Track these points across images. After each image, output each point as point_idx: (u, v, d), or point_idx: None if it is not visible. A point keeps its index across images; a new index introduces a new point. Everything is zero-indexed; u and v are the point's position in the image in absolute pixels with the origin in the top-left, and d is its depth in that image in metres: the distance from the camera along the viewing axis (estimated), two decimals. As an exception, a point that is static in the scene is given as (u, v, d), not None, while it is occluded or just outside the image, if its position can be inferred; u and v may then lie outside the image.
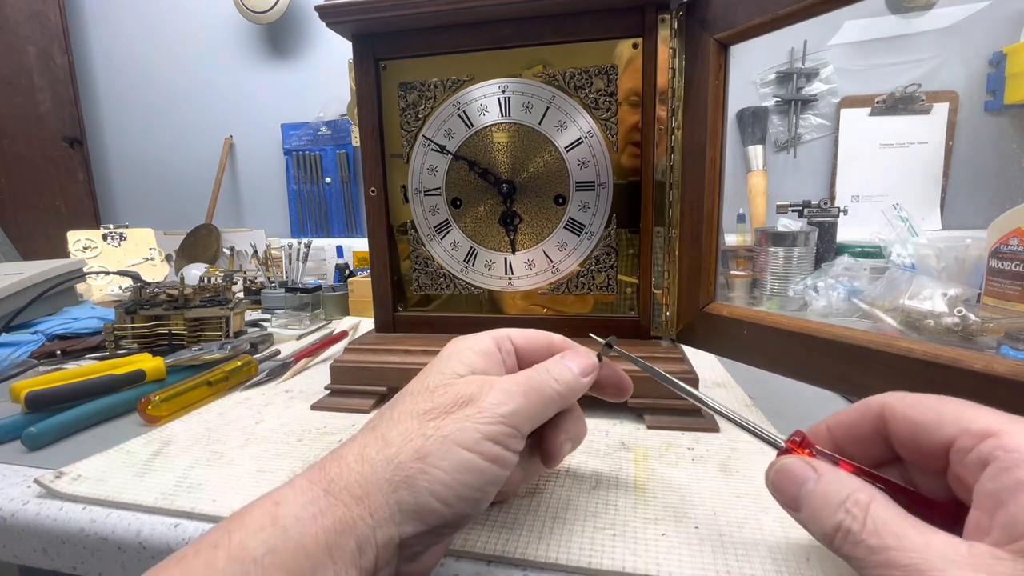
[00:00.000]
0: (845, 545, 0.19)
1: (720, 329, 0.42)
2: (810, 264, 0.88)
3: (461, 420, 0.23)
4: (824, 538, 0.20)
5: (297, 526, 0.19)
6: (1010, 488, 0.18)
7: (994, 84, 1.16)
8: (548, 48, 0.44)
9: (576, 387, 0.27)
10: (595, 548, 0.27)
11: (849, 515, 0.19)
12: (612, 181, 0.45)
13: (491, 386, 0.24)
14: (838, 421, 0.25)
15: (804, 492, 0.21)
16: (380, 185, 0.49)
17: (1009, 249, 0.70)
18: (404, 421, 0.23)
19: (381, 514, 0.20)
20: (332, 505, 0.20)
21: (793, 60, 1.26)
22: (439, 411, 0.23)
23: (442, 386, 0.24)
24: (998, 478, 0.18)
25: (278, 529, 0.19)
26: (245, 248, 1.39)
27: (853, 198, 1.27)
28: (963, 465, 0.20)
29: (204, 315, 0.67)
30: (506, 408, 0.23)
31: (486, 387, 0.24)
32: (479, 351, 0.27)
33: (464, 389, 0.24)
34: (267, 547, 0.18)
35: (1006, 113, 1.17)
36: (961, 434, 0.20)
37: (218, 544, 0.19)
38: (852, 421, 0.24)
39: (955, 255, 0.82)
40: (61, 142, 1.72)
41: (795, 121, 1.27)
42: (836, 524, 0.19)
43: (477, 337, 0.28)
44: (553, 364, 0.27)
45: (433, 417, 0.23)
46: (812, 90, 1.26)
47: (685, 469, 0.35)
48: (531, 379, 0.26)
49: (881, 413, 0.23)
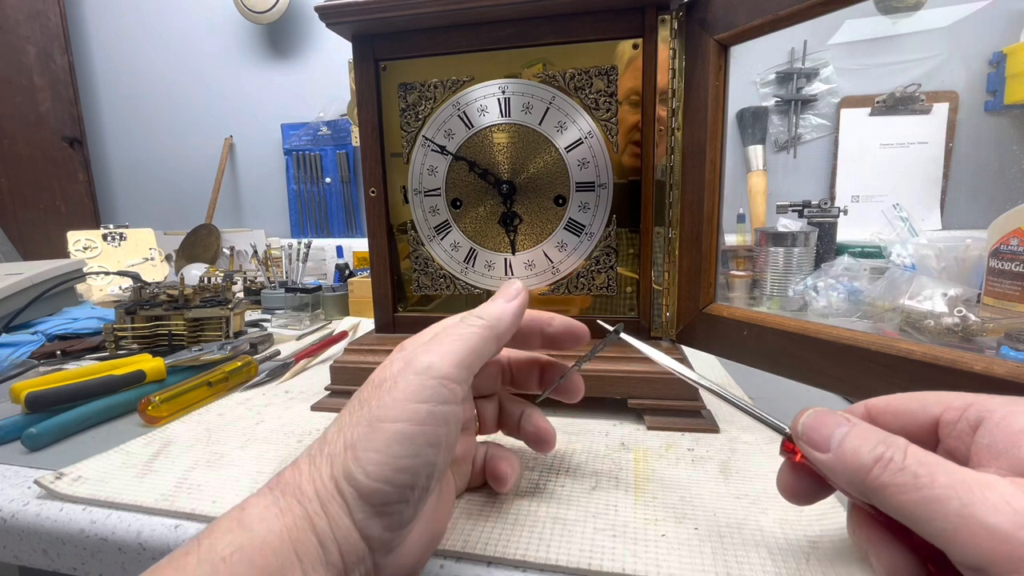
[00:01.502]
0: (885, 474, 0.19)
1: (720, 330, 0.42)
2: (810, 264, 0.88)
3: (382, 395, 0.22)
4: (859, 471, 0.20)
5: (261, 525, 0.20)
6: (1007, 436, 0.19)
7: (994, 84, 1.16)
8: (548, 48, 0.44)
9: (504, 314, 0.27)
10: (595, 549, 0.27)
11: (890, 448, 0.20)
12: (612, 181, 0.45)
13: (409, 353, 0.24)
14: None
15: (839, 432, 0.21)
16: (380, 185, 0.49)
17: (1009, 249, 0.70)
18: (341, 418, 0.24)
19: (331, 508, 0.21)
20: (289, 505, 0.21)
21: (793, 60, 1.26)
22: (366, 397, 0.23)
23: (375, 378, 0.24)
24: (992, 432, 0.20)
25: (243, 530, 0.20)
26: (245, 248, 1.39)
27: (853, 198, 1.27)
28: (954, 436, 0.21)
29: (204, 315, 0.67)
30: (422, 362, 0.23)
31: (405, 356, 0.24)
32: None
33: (386, 369, 0.24)
34: (234, 547, 0.19)
35: (1006, 113, 1.17)
36: (945, 409, 0.22)
37: (188, 551, 0.19)
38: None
39: (955, 255, 0.82)
40: (61, 142, 1.72)
41: (795, 121, 1.27)
42: (877, 455, 0.20)
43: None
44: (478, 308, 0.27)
45: (361, 404, 0.23)
46: (812, 90, 1.26)
47: (685, 470, 0.35)
48: (446, 324, 0.26)
49: (865, 415, 0.24)
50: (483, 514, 0.30)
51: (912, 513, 0.18)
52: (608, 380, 0.43)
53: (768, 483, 0.33)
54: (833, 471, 0.21)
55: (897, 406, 0.23)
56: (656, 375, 0.42)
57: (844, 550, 0.27)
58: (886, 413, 0.23)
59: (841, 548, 0.27)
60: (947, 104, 1.20)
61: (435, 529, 0.25)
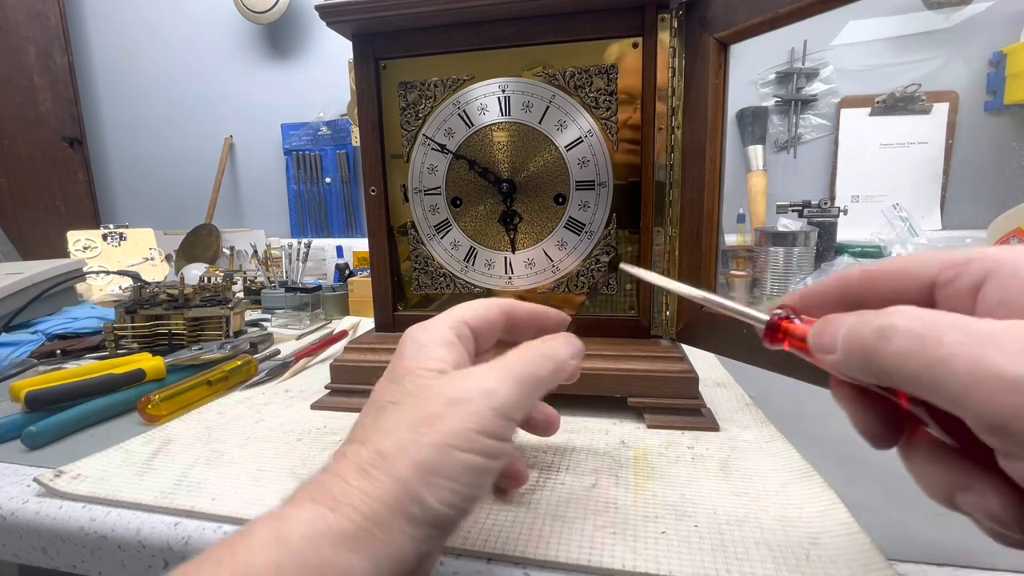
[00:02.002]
0: (886, 343, 0.17)
1: (720, 328, 0.42)
2: (810, 264, 0.88)
3: (454, 422, 0.22)
4: (863, 352, 0.18)
5: (303, 543, 0.19)
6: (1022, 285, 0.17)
7: (994, 84, 1.16)
8: (548, 47, 0.44)
9: (566, 370, 0.27)
10: (595, 546, 0.27)
11: (891, 315, 0.18)
12: (612, 180, 0.45)
13: (477, 380, 0.24)
14: (815, 290, 0.24)
15: (844, 326, 0.19)
16: (380, 185, 0.49)
17: (1009, 249, 0.70)
18: (397, 432, 0.22)
19: (393, 528, 0.20)
20: (339, 523, 0.19)
21: (793, 60, 1.26)
22: (431, 417, 0.22)
23: (424, 388, 0.24)
24: (1005, 285, 0.17)
25: (283, 545, 0.19)
26: (245, 248, 1.39)
27: (853, 198, 1.27)
28: (954, 296, 0.19)
29: (204, 315, 0.67)
30: (497, 400, 0.23)
31: (472, 382, 0.23)
32: (443, 343, 0.26)
33: (450, 388, 0.23)
34: (274, 564, 0.18)
35: (1006, 113, 1.17)
36: (943, 268, 0.19)
37: (222, 561, 0.18)
38: (831, 289, 0.23)
39: (955, 255, 0.82)
40: (61, 142, 1.72)
41: (795, 121, 1.27)
42: (876, 327, 0.18)
43: (434, 329, 0.27)
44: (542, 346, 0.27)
45: (426, 423, 0.22)
46: (812, 90, 1.26)
47: (685, 468, 0.35)
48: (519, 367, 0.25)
49: (861, 277, 0.22)
50: (482, 510, 0.30)
51: (924, 381, 0.16)
52: (608, 379, 0.43)
53: (768, 481, 0.33)
54: (847, 367, 0.19)
55: (891, 268, 0.21)
56: (656, 374, 0.42)
57: (844, 547, 0.27)
58: (881, 276, 0.21)
59: (841, 545, 0.27)
60: (947, 104, 1.20)
61: None
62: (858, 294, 0.22)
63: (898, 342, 0.17)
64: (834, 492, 0.31)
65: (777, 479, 0.33)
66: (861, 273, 0.22)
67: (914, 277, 0.20)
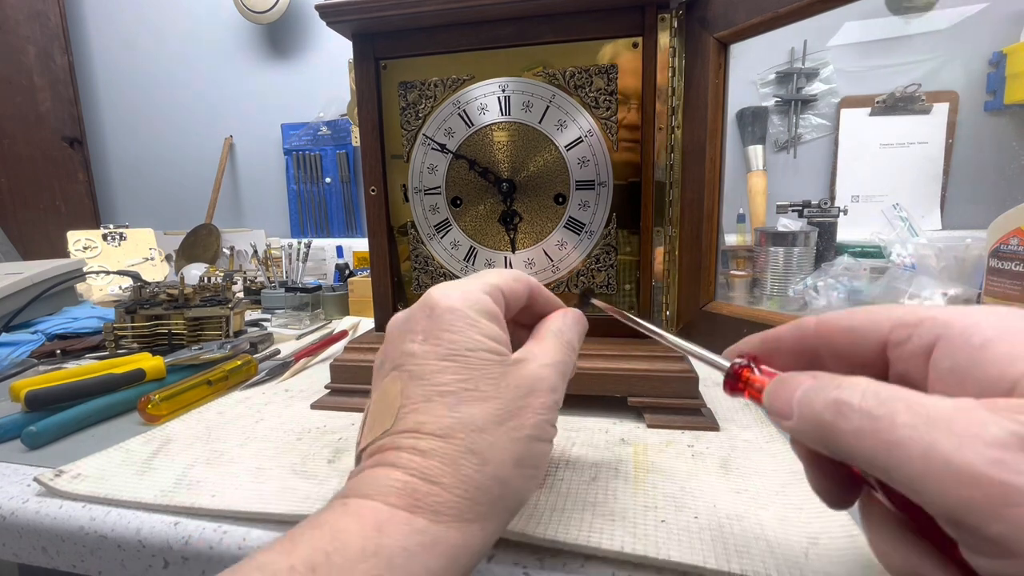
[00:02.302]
0: (841, 420, 0.16)
1: (720, 327, 0.42)
2: (810, 264, 0.88)
3: (532, 414, 0.23)
4: (818, 426, 0.17)
5: (404, 558, 0.18)
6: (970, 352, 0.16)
7: (994, 84, 1.16)
8: (548, 47, 0.44)
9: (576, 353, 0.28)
10: (593, 531, 0.27)
11: (846, 390, 0.17)
12: (612, 180, 0.45)
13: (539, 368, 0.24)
14: (774, 336, 0.24)
15: (800, 391, 0.19)
16: (380, 184, 0.49)
17: (1009, 249, 0.70)
18: (490, 431, 0.22)
19: (491, 522, 0.21)
20: (443, 534, 0.19)
21: (793, 60, 1.26)
22: (514, 411, 0.23)
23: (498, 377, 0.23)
24: (953, 352, 0.17)
25: (382, 560, 0.18)
26: (245, 248, 1.39)
27: (853, 198, 1.27)
28: (905, 359, 0.18)
29: (204, 315, 0.67)
30: (558, 394, 0.24)
31: (534, 369, 0.24)
32: (490, 315, 0.25)
33: (522, 378, 0.24)
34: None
35: (1006, 113, 1.17)
36: (895, 327, 0.19)
37: (316, 567, 0.17)
38: (789, 337, 0.23)
39: (955, 255, 0.82)
40: (61, 142, 1.72)
41: (795, 121, 1.28)
42: (830, 401, 0.17)
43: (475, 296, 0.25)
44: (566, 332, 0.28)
45: (511, 417, 0.22)
46: (812, 90, 1.26)
47: (685, 464, 0.35)
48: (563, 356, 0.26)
49: (816, 330, 0.22)
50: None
51: (879, 464, 0.15)
52: (608, 378, 0.43)
53: (768, 480, 0.33)
54: (802, 436, 0.19)
55: (848, 323, 0.20)
56: (656, 374, 0.42)
57: (843, 548, 0.27)
58: (838, 331, 0.21)
59: (840, 546, 0.27)
60: (947, 104, 1.20)
61: None
62: (813, 346, 0.22)
63: (853, 421, 0.16)
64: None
65: (777, 479, 0.33)
66: (817, 325, 0.22)
67: (868, 334, 0.20)
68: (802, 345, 0.22)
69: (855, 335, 0.20)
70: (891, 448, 0.15)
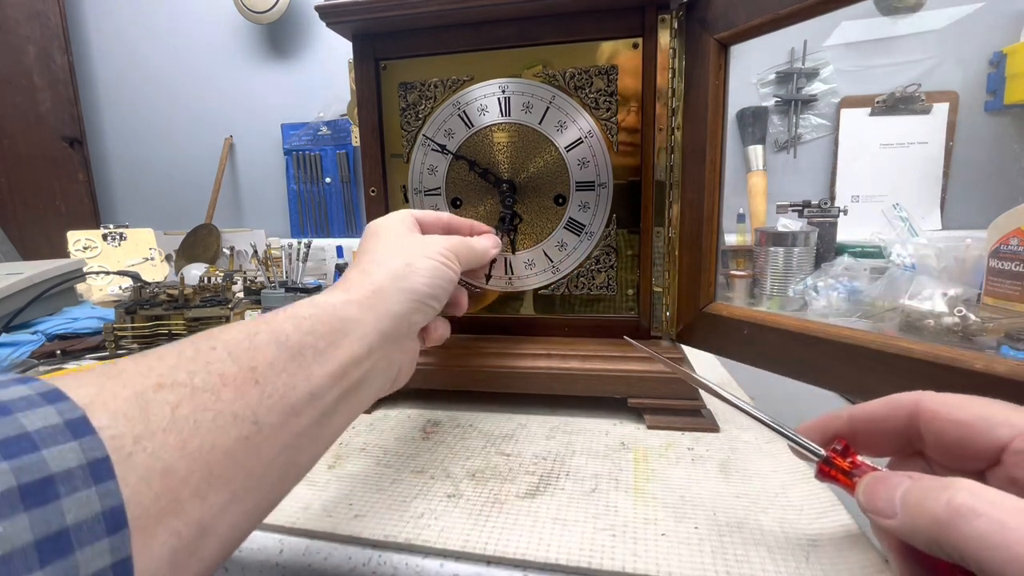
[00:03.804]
0: (963, 523, 0.17)
1: (720, 329, 0.42)
2: (810, 264, 0.88)
3: (424, 247, 0.34)
4: (933, 527, 0.18)
5: (328, 306, 0.27)
6: None
7: (994, 84, 1.16)
8: (548, 48, 0.44)
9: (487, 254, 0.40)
10: (595, 548, 0.27)
11: (962, 492, 0.17)
12: (612, 181, 0.45)
13: (434, 237, 0.36)
14: (863, 413, 0.25)
15: (902, 492, 0.20)
16: (380, 185, 0.49)
17: (1009, 249, 0.70)
18: (387, 256, 0.32)
19: (388, 296, 0.30)
20: (353, 294, 0.28)
21: (793, 60, 1.26)
22: (409, 248, 0.33)
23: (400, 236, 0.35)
24: None
25: (316, 306, 0.26)
26: (245, 248, 1.39)
27: (853, 198, 1.27)
28: (1022, 466, 0.20)
29: (204, 315, 0.67)
30: (446, 244, 0.35)
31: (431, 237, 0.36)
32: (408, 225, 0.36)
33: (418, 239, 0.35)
34: (311, 316, 0.25)
35: (1006, 113, 1.17)
36: (1018, 436, 0.20)
37: (286, 310, 0.26)
38: (879, 415, 0.24)
39: (955, 255, 0.82)
40: (61, 142, 1.72)
41: (795, 121, 1.28)
42: (954, 503, 0.17)
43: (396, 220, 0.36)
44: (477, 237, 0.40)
45: (406, 249, 0.33)
46: (812, 90, 1.26)
47: (685, 469, 0.35)
48: (460, 239, 0.37)
49: (914, 412, 0.23)
50: (483, 514, 0.30)
51: (1003, 568, 0.16)
52: (608, 379, 0.43)
53: (768, 482, 0.33)
54: (907, 535, 0.19)
55: (960, 416, 0.21)
56: (656, 374, 0.42)
57: (844, 549, 0.27)
58: (949, 423, 0.22)
59: (841, 547, 0.27)
60: (947, 104, 1.20)
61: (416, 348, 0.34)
62: (913, 431, 0.23)
63: (978, 526, 0.17)
64: (833, 494, 0.31)
65: (777, 480, 0.33)
66: (921, 411, 0.23)
67: (984, 433, 0.21)
68: (899, 427, 0.23)
69: (968, 431, 0.21)
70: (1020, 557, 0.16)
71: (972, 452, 0.21)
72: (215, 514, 0.18)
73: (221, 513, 0.18)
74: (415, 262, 0.32)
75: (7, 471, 0.13)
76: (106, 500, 0.15)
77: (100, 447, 0.15)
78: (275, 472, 0.21)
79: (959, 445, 0.22)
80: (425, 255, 0.33)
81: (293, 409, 0.22)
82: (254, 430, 0.20)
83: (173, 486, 0.17)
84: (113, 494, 0.15)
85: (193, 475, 0.17)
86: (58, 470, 0.14)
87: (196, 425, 0.18)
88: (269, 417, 0.21)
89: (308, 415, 0.23)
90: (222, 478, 0.18)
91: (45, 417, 0.15)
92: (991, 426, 0.21)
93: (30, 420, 0.14)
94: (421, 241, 0.34)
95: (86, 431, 0.15)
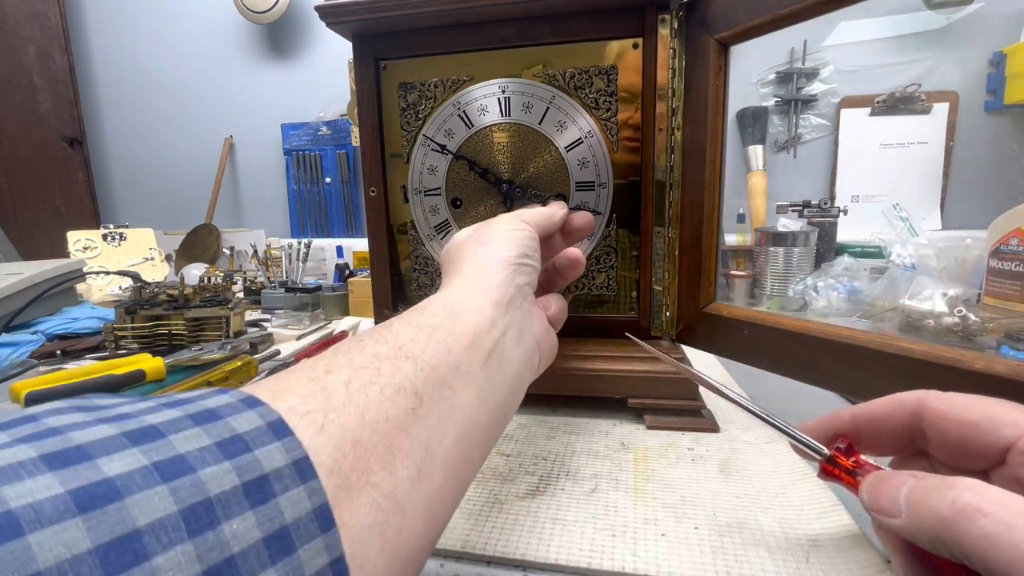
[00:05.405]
0: (968, 523, 0.17)
1: (720, 329, 0.42)
2: (810, 264, 0.88)
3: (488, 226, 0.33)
4: (938, 526, 0.18)
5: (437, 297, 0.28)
6: None
7: (994, 84, 1.16)
8: (548, 48, 0.44)
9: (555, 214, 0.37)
10: (595, 548, 0.27)
11: (967, 491, 0.17)
12: (612, 181, 0.45)
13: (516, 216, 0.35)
14: (865, 412, 0.25)
15: (906, 491, 0.20)
16: (380, 185, 0.49)
17: (1009, 249, 0.70)
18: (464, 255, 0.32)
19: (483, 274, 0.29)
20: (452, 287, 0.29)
21: (793, 60, 1.26)
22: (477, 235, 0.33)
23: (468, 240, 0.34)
24: None
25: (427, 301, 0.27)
26: (245, 248, 1.39)
27: (853, 198, 1.27)
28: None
29: (204, 315, 0.67)
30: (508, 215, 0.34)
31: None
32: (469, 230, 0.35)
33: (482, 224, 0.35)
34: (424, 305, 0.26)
35: (1006, 113, 1.17)
36: (1022, 436, 0.20)
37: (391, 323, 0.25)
38: (882, 414, 0.24)
39: (955, 255, 0.82)
40: (61, 142, 1.72)
41: (795, 121, 1.28)
42: (959, 503, 0.17)
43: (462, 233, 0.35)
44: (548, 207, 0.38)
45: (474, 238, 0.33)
46: (812, 90, 1.26)
47: (685, 469, 0.35)
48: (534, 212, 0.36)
49: (917, 411, 0.23)
50: (483, 514, 0.30)
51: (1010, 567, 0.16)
52: (608, 379, 0.43)
53: (767, 482, 0.33)
54: (912, 533, 0.19)
55: (964, 415, 0.22)
56: (656, 375, 0.42)
57: (844, 549, 0.27)
58: (953, 422, 0.22)
59: (841, 547, 0.27)
60: (947, 104, 1.20)
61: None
62: (916, 430, 0.23)
63: (984, 525, 0.16)
64: (834, 493, 0.31)
65: (777, 480, 0.33)
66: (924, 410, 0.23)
67: (988, 433, 0.21)
68: (902, 426, 0.23)
69: (973, 430, 0.21)
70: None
71: (976, 451, 0.21)
72: (407, 489, 0.18)
73: (412, 488, 0.19)
74: (487, 238, 0.32)
75: (230, 470, 0.14)
76: (314, 498, 0.15)
77: (299, 447, 0.16)
78: (452, 450, 0.21)
79: (963, 444, 0.22)
80: (492, 230, 0.33)
81: (445, 382, 0.22)
82: (417, 401, 0.20)
83: (363, 455, 0.17)
84: (318, 492, 0.15)
85: (377, 446, 0.18)
86: (270, 469, 0.14)
87: (367, 398, 0.19)
88: (427, 389, 0.21)
89: (462, 389, 0.23)
90: (403, 450, 0.19)
91: (250, 420, 0.15)
92: (996, 426, 0.21)
93: (239, 423, 0.15)
94: (484, 224, 0.34)
95: (285, 432, 0.16)
